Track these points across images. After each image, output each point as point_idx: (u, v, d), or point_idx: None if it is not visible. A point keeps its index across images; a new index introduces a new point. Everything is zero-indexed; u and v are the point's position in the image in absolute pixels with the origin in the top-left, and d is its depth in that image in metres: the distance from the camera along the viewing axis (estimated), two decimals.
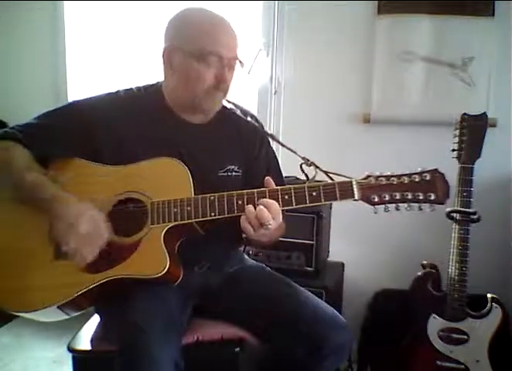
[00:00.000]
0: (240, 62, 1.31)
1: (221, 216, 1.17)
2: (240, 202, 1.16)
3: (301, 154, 1.36)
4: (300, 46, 2.30)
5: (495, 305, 1.71)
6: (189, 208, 1.18)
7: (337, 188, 1.14)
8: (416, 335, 1.76)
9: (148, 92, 1.37)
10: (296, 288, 1.36)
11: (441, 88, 2.11)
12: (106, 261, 1.17)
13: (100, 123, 1.28)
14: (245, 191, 1.17)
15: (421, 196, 1.11)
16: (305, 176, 1.32)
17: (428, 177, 1.12)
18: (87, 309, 1.29)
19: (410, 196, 1.11)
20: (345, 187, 1.14)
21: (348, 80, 2.25)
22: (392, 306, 1.95)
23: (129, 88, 1.38)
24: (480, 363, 1.71)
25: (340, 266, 2.16)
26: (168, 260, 1.15)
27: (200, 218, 1.18)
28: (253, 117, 1.43)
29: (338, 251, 2.15)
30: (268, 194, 1.16)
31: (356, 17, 2.20)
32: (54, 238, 1.17)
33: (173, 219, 1.18)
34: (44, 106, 1.37)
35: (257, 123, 1.43)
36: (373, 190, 1.13)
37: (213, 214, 1.18)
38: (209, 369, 1.34)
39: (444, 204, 1.13)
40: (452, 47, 2.09)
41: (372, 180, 1.13)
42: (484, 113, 1.71)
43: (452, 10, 2.07)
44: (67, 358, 1.32)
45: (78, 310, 1.26)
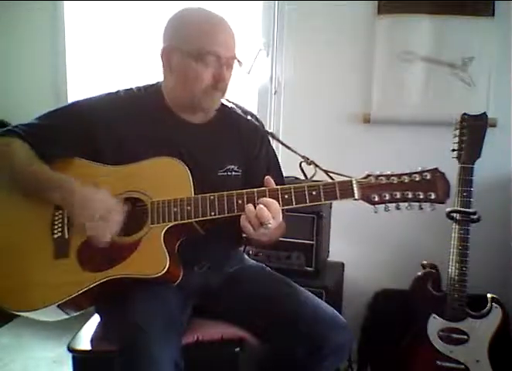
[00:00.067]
0: (238, 61, 1.31)
1: (221, 216, 1.17)
2: (240, 201, 1.16)
3: (301, 153, 1.36)
4: (300, 46, 2.30)
5: (495, 305, 1.71)
6: (189, 207, 1.18)
7: (337, 187, 1.14)
8: (416, 335, 1.76)
9: (148, 92, 1.37)
10: (296, 288, 1.36)
11: (441, 88, 2.11)
12: (106, 260, 1.17)
13: (100, 123, 1.28)
14: (245, 190, 1.17)
15: (421, 195, 1.11)
16: (304, 175, 1.32)
17: (429, 176, 1.11)
18: (87, 309, 1.29)
19: (410, 195, 1.11)
20: (345, 186, 1.14)
21: (348, 80, 2.25)
22: (392, 306, 1.95)
23: (129, 88, 1.38)
24: (480, 363, 1.71)
25: (340, 266, 2.16)
26: (168, 260, 1.15)
27: (200, 217, 1.18)
28: (253, 117, 1.43)
29: (338, 251, 2.15)
30: (268, 193, 1.16)
31: (356, 17, 2.20)
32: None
33: (173, 218, 1.18)
34: (44, 106, 1.37)
35: (257, 122, 1.43)
36: (373, 189, 1.13)
37: (213, 213, 1.17)
38: (209, 369, 1.34)
39: (444, 203, 1.13)
40: (452, 47, 2.09)
41: (372, 179, 1.13)
42: (484, 113, 1.71)
43: (452, 10, 2.07)
44: (67, 358, 1.32)
45: (78, 309, 1.26)
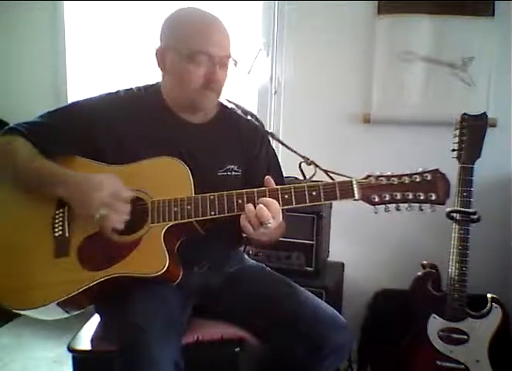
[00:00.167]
0: (234, 61, 1.30)
1: (221, 215, 1.17)
2: (240, 201, 1.16)
3: (301, 153, 1.36)
4: (300, 46, 2.30)
5: (495, 305, 1.71)
6: (189, 207, 1.18)
7: (337, 187, 1.14)
8: (416, 335, 1.76)
9: (148, 92, 1.37)
10: (296, 288, 1.36)
11: (441, 88, 2.11)
12: (106, 259, 1.17)
13: (100, 123, 1.29)
14: (245, 190, 1.17)
15: (422, 196, 1.10)
16: (303, 175, 1.32)
17: (429, 177, 1.11)
18: (87, 308, 1.29)
19: (411, 196, 1.11)
20: (345, 187, 1.13)
21: (348, 80, 2.25)
22: (392, 306, 1.95)
23: (129, 88, 1.38)
24: (480, 363, 1.71)
25: (340, 266, 2.16)
26: (167, 259, 1.15)
27: (200, 217, 1.18)
28: (253, 117, 1.43)
29: (338, 251, 2.15)
30: (268, 193, 1.16)
31: (356, 17, 2.20)
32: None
33: (173, 218, 1.19)
34: (44, 106, 1.37)
35: (257, 122, 1.43)
36: (373, 190, 1.12)
37: (213, 213, 1.17)
38: (209, 369, 1.34)
39: (445, 204, 1.13)
40: (452, 47, 2.09)
41: (372, 180, 1.13)
42: (484, 113, 1.71)
43: (452, 10, 2.07)
44: (67, 358, 1.32)
45: (78, 308, 1.26)
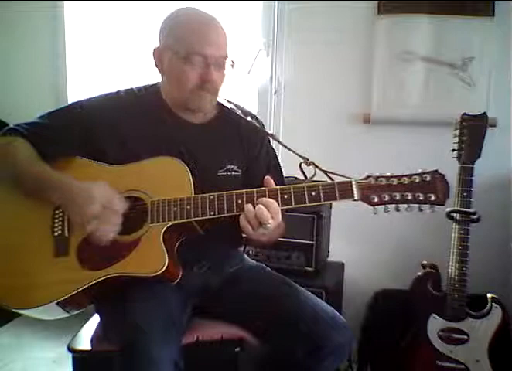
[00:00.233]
0: (231, 61, 1.30)
1: (220, 215, 1.17)
2: (239, 201, 1.16)
3: (301, 154, 1.36)
4: (300, 46, 2.30)
5: (495, 305, 1.71)
6: (189, 207, 1.18)
7: (337, 188, 1.14)
8: (416, 335, 1.76)
9: (148, 92, 1.38)
10: (296, 288, 1.36)
11: (441, 88, 2.11)
12: (106, 259, 1.18)
13: (100, 123, 1.29)
14: (244, 190, 1.17)
15: (421, 197, 1.10)
16: (304, 175, 1.31)
17: (429, 178, 1.11)
18: (87, 308, 1.29)
19: (410, 197, 1.11)
20: (344, 187, 1.13)
21: (348, 80, 2.25)
22: (392, 306, 1.95)
23: (129, 88, 1.38)
24: (480, 363, 1.71)
25: (340, 266, 2.16)
26: (167, 259, 1.15)
27: (200, 217, 1.18)
28: (253, 117, 1.43)
29: (338, 251, 2.15)
30: (268, 193, 1.16)
31: (356, 17, 2.20)
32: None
33: (173, 218, 1.19)
34: (44, 106, 1.38)
35: (257, 123, 1.42)
36: (372, 190, 1.12)
37: (213, 213, 1.17)
38: (209, 369, 1.34)
39: (444, 205, 1.13)
40: (452, 47, 2.09)
41: (372, 180, 1.13)
42: (484, 113, 1.71)
43: (452, 10, 2.07)
44: (67, 358, 1.32)
45: (78, 308, 1.26)
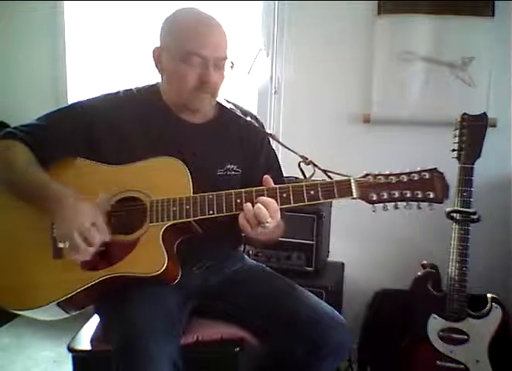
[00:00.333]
0: (230, 62, 1.30)
1: (220, 215, 1.17)
2: (238, 200, 1.16)
3: (300, 153, 1.36)
4: (300, 46, 2.30)
5: (495, 305, 1.71)
6: (188, 206, 1.18)
7: (335, 186, 1.14)
8: (416, 335, 1.76)
9: (148, 92, 1.38)
10: (296, 288, 1.36)
11: (441, 88, 2.11)
12: (105, 259, 1.18)
13: (100, 123, 1.29)
14: (243, 189, 1.17)
15: (419, 195, 1.10)
16: (303, 174, 1.32)
17: (427, 176, 1.11)
18: (87, 308, 1.29)
19: (409, 195, 1.11)
20: (343, 185, 1.13)
21: (348, 80, 2.25)
22: (392, 306, 1.94)
23: (129, 89, 1.38)
24: (480, 363, 1.70)
25: (340, 266, 2.16)
26: (166, 259, 1.15)
27: (199, 216, 1.18)
28: (253, 117, 1.43)
29: (338, 251, 2.15)
30: (266, 192, 1.16)
31: (356, 17, 2.20)
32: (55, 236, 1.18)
33: (172, 217, 1.18)
34: (44, 107, 1.38)
35: (257, 123, 1.43)
36: (371, 188, 1.12)
37: (212, 212, 1.17)
38: (208, 369, 1.34)
39: (443, 203, 1.13)
40: (452, 47, 2.09)
41: (370, 178, 1.13)
42: (484, 113, 1.71)
43: (452, 10, 2.06)
44: (67, 358, 1.32)
45: (78, 308, 1.27)
